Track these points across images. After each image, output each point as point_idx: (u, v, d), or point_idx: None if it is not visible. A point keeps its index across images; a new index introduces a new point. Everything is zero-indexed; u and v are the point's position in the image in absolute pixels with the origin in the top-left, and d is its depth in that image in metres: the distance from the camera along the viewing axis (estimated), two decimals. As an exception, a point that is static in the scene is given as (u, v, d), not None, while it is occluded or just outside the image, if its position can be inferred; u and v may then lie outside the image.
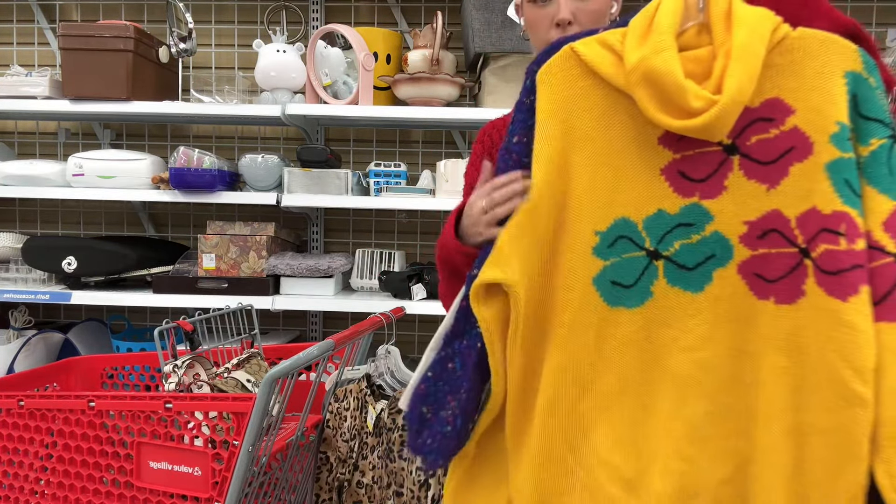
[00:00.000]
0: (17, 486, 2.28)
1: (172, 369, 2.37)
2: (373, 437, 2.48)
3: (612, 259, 1.47)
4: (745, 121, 1.42)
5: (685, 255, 1.45)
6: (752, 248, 1.41)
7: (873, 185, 1.35)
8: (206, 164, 3.16)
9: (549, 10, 1.74)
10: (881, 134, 1.36)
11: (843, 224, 1.33)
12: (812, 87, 1.39)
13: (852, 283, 1.31)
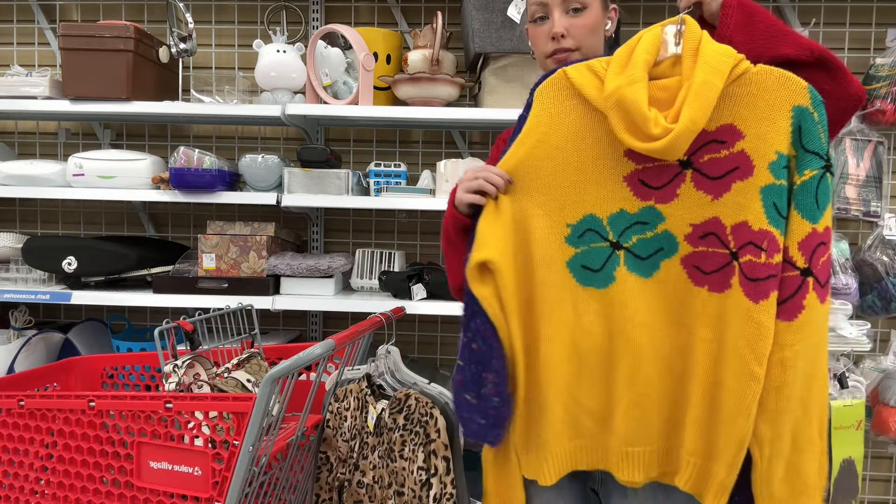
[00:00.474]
0: (18, 485, 2.28)
1: (172, 369, 2.37)
2: (373, 437, 2.48)
3: (581, 247, 1.84)
4: (702, 141, 1.73)
5: (641, 247, 1.81)
6: (693, 246, 1.77)
7: (798, 211, 1.66)
8: (206, 164, 3.16)
9: (546, 26, 1.98)
10: (815, 165, 1.65)
11: (765, 241, 1.67)
12: (762, 117, 1.69)
13: (764, 290, 1.67)
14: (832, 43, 3.55)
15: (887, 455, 3.65)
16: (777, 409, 1.70)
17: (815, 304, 1.67)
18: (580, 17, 1.96)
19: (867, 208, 3.30)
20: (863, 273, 3.25)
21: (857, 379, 3.16)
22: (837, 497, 3.10)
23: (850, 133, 3.30)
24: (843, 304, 2.97)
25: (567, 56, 1.97)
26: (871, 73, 3.31)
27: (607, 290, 1.83)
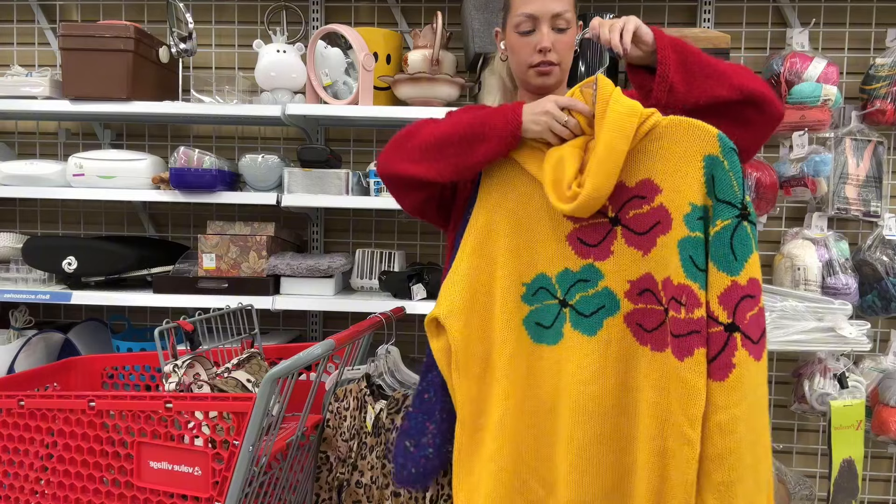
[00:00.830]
0: (18, 485, 2.28)
1: (172, 369, 2.37)
2: (371, 437, 2.48)
3: (535, 305, 1.89)
4: (626, 197, 1.77)
5: (584, 304, 1.84)
6: (634, 303, 1.78)
7: (714, 263, 1.65)
8: (206, 164, 3.16)
9: (533, 39, 2.03)
10: (728, 215, 1.64)
11: (684, 296, 1.67)
12: (675, 170, 1.70)
13: (688, 346, 1.66)
14: (832, 43, 3.55)
15: (887, 455, 3.65)
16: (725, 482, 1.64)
17: (746, 361, 1.64)
18: (564, 35, 2.04)
19: (867, 208, 3.30)
20: (863, 273, 3.25)
21: (857, 379, 3.16)
22: (837, 497, 3.10)
23: (850, 133, 3.30)
24: (843, 304, 2.96)
25: (551, 70, 2.04)
26: (871, 73, 3.31)
27: (557, 346, 1.87)
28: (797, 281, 3.17)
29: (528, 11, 2.01)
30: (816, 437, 3.69)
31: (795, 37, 3.31)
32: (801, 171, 3.21)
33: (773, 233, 3.59)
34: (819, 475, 3.68)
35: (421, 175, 1.96)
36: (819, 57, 3.20)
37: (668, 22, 3.57)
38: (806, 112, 3.18)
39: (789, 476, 3.34)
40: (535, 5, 2.00)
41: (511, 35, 2.08)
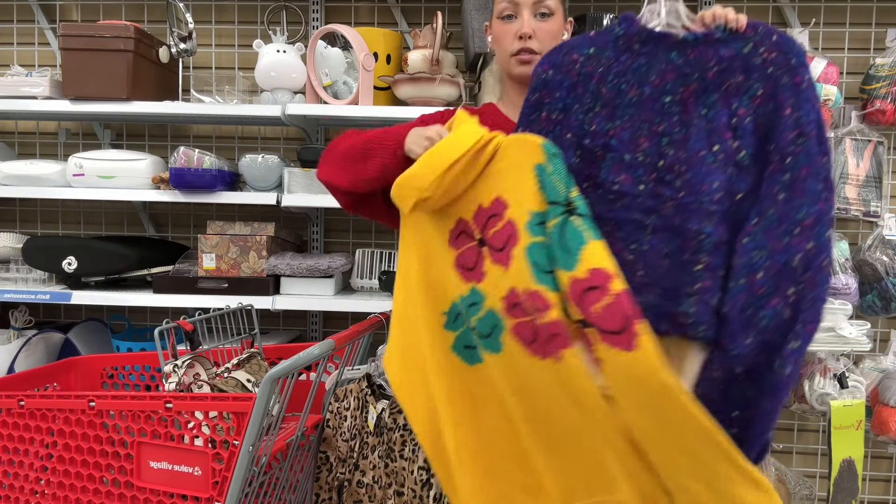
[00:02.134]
0: (18, 485, 2.28)
1: (172, 369, 2.37)
2: (373, 437, 2.48)
3: (458, 330, 1.88)
4: (485, 217, 1.82)
5: (481, 326, 1.82)
6: (513, 318, 1.74)
7: (557, 264, 1.67)
8: (206, 164, 3.16)
9: (514, 25, 2.04)
10: (555, 214, 1.69)
11: (536, 301, 1.68)
12: (515, 184, 1.76)
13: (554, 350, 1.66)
14: (832, 43, 3.56)
15: (887, 455, 3.65)
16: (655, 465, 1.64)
17: (610, 354, 1.58)
18: (546, 22, 2.05)
19: (867, 208, 3.30)
20: (863, 273, 3.25)
21: (857, 379, 3.16)
22: (837, 497, 3.10)
23: (850, 133, 3.30)
24: (843, 304, 2.97)
25: (531, 58, 2.03)
26: (871, 73, 3.31)
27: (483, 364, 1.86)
28: (797, 281, 3.17)
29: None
30: (816, 437, 3.69)
31: (795, 37, 3.29)
32: (801, 171, 3.20)
33: (773, 233, 3.58)
34: (819, 475, 3.68)
35: (334, 182, 2.04)
36: (819, 57, 3.20)
37: (668, 22, 3.56)
38: (806, 112, 3.17)
39: (789, 476, 3.34)
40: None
41: (495, 23, 2.10)
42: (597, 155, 1.78)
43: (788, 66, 1.68)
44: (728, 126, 1.70)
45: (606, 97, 1.80)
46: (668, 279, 1.69)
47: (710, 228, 1.65)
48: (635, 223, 1.73)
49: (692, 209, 1.67)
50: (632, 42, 1.80)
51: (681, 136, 1.72)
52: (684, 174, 1.70)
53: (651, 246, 1.71)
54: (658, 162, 1.73)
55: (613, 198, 1.75)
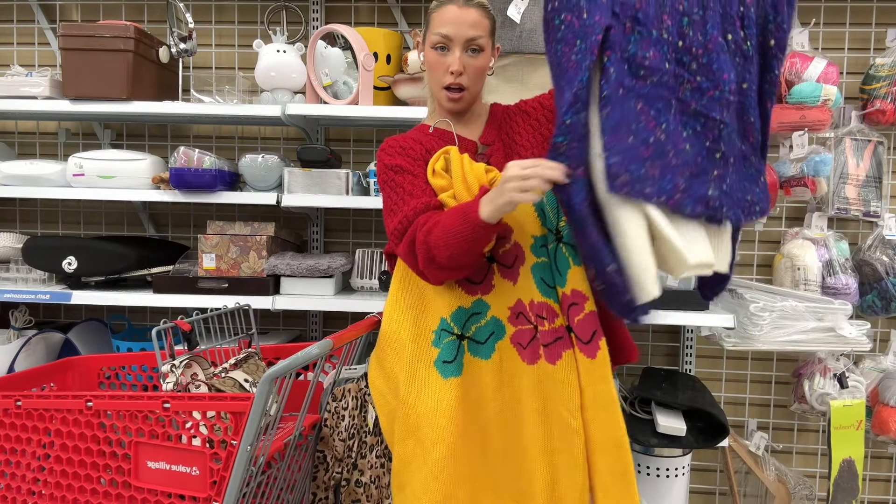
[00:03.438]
0: (15, 486, 2.28)
1: (170, 369, 2.37)
2: (372, 437, 2.49)
3: (440, 346, 2.10)
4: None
5: (478, 334, 2.11)
6: (515, 325, 2.10)
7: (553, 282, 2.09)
8: (206, 164, 3.16)
9: (447, 59, 2.13)
10: (550, 239, 2.10)
11: (544, 310, 2.06)
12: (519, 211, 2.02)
13: (557, 351, 2.04)
14: (832, 43, 3.55)
15: (887, 455, 3.65)
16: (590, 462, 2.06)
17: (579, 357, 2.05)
18: (476, 59, 2.14)
19: (867, 208, 3.30)
20: (863, 273, 3.25)
21: (857, 379, 3.17)
22: (837, 497, 3.10)
23: (851, 133, 3.30)
24: (843, 304, 2.96)
25: (460, 96, 2.15)
26: (871, 73, 3.31)
27: (462, 377, 2.09)
28: (797, 281, 3.17)
29: (444, 32, 2.10)
30: (816, 437, 3.68)
31: (795, 37, 3.31)
32: (801, 171, 3.20)
33: (773, 233, 3.59)
34: (819, 475, 3.68)
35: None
36: (819, 57, 3.20)
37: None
38: (806, 112, 3.17)
39: (789, 476, 3.34)
40: (452, 28, 2.10)
41: (428, 51, 2.18)
42: (626, 27, 1.74)
43: None
44: (738, 14, 1.75)
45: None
46: (694, 163, 1.75)
47: (728, 119, 1.75)
48: (664, 101, 1.74)
49: (713, 98, 1.73)
50: None
51: (699, 18, 1.74)
52: (701, 58, 1.73)
53: (674, 127, 1.74)
54: (678, 42, 1.75)
55: (644, 73, 1.74)
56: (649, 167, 1.71)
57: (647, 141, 1.71)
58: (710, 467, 3.76)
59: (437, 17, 2.13)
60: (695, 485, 3.75)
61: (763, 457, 3.33)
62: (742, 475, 3.46)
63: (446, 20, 2.10)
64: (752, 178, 1.83)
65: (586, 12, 1.72)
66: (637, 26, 1.73)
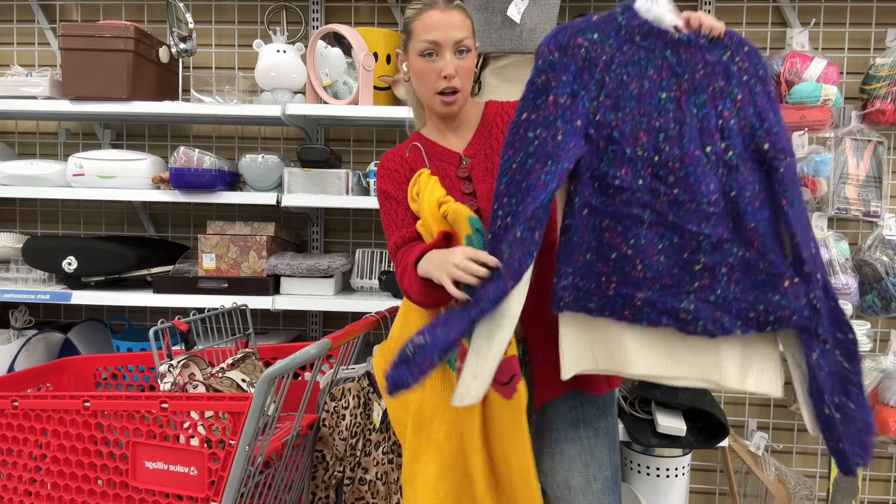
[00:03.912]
0: (11, 486, 2.28)
1: (167, 369, 2.37)
2: (377, 434, 2.49)
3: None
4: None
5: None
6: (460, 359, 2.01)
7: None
8: (206, 164, 3.16)
9: (437, 64, 2.10)
10: None
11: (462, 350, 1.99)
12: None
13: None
14: (832, 43, 3.55)
15: (887, 455, 3.64)
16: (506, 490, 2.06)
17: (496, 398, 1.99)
18: (465, 59, 2.12)
19: (867, 208, 3.29)
20: (863, 273, 3.24)
21: (857, 379, 3.16)
22: (837, 497, 3.10)
23: (850, 133, 3.29)
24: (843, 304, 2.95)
25: (454, 98, 2.13)
26: (871, 73, 3.30)
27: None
28: (797, 281, 3.16)
29: (432, 38, 2.08)
30: (816, 437, 3.68)
31: (795, 37, 3.31)
32: (801, 171, 3.20)
33: (773, 233, 3.58)
34: (819, 475, 3.67)
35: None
36: (819, 57, 3.19)
37: (668, 22, 3.56)
38: (806, 112, 3.17)
39: (789, 476, 3.34)
40: (439, 33, 2.08)
41: (415, 60, 2.14)
42: (599, 146, 1.81)
43: (759, 77, 1.81)
44: (716, 128, 1.78)
45: (610, 87, 1.83)
46: (668, 275, 1.77)
47: (708, 230, 1.74)
48: (633, 217, 1.78)
49: (690, 210, 1.75)
50: (633, 34, 1.85)
51: (675, 133, 1.78)
52: (678, 171, 1.76)
53: (647, 240, 1.78)
54: (654, 157, 1.78)
55: (613, 192, 1.80)
56: (604, 283, 1.82)
57: (608, 257, 1.81)
58: (710, 467, 3.76)
59: (419, 24, 2.11)
60: (695, 485, 3.74)
61: (763, 457, 3.33)
62: (742, 475, 3.46)
63: (431, 26, 2.09)
64: (765, 284, 1.77)
65: (561, 134, 1.80)
66: (611, 145, 1.80)
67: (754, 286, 1.77)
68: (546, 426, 2.20)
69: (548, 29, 3.00)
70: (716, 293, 1.77)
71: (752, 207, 1.75)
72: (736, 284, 1.77)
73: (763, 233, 1.75)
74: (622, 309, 1.82)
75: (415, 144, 2.26)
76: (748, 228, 1.75)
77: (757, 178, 1.77)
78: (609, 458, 2.17)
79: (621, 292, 1.81)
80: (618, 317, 1.83)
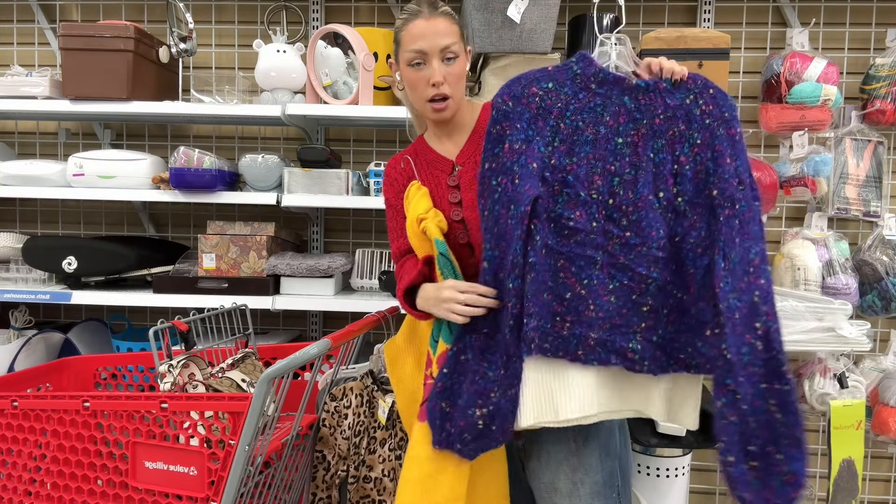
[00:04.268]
0: (11, 486, 2.28)
1: (167, 369, 2.37)
2: (382, 431, 2.50)
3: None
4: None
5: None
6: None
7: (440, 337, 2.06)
8: (206, 164, 3.16)
9: (425, 72, 2.12)
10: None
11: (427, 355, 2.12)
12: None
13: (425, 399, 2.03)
14: (832, 43, 3.54)
15: (887, 455, 3.64)
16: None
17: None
18: (453, 66, 2.14)
19: (867, 208, 3.29)
20: (863, 273, 3.24)
21: (857, 379, 3.16)
22: (837, 497, 3.10)
23: (850, 133, 3.29)
24: (843, 304, 2.95)
25: (445, 105, 2.15)
26: (871, 73, 3.30)
27: None
28: (797, 281, 3.16)
29: (418, 47, 2.11)
30: (816, 437, 3.68)
31: (795, 37, 3.31)
32: (801, 171, 3.20)
33: (773, 233, 3.58)
34: (819, 475, 3.67)
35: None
36: (819, 57, 3.19)
37: (668, 22, 3.56)
38: (806, 112, 3.17)
39: (789, 476, 3.33)
40: (424, 42, 2.10)
41: (405, 69, 2.17)
42: (554, 189, 1.90)
43: (723, 119, 1.87)
44: (671, 172, 1.88)
45: (565, 133, 1.93)
46: (617, 315, 1.88)
47: (656, 273, 1.85)
48: (587, 259, 1.89)
49: (640, 253, 1.86)
50: (589, 81, 1.95)
51: (630, 178, 1.88)
52: (631, 215, 1.87)
53: (599, 281, 1.89)
54: (608, 200, 1.89)
55: (568, 233, 1.89)
56: (558, 323, 1.90)
57: (562, 297, 1.89)
58: (710, 467, 3.76)
59: (405, 35, 2.14)
60: (695, 485, 3.74)
61: (763, 457, 3.32)
62: (742, 475, 3.45)
63: (416, 35, 2.11)
64: (693, 329, 1.85)
65: (518, 178, 1.89)
66: (566, 188, 1.89)
67: (685, 329, 1.86)
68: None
69: (548, 29, 3.01)
70: (658, 333, 1.88)
71: (694, 254, 1.83)
72: (672, 325, 1.88)
73: (699, 280, 1.82)
74: (576, 349, 1.89)
75: (406, 158, 2.33)
76: (687, 274, 1.84)
77: (704, 225, 1.84)
78: (600, 463, 2.13)
79: (575, 332, 1.89)
80: (571, 358, 1.90)
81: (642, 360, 1.88)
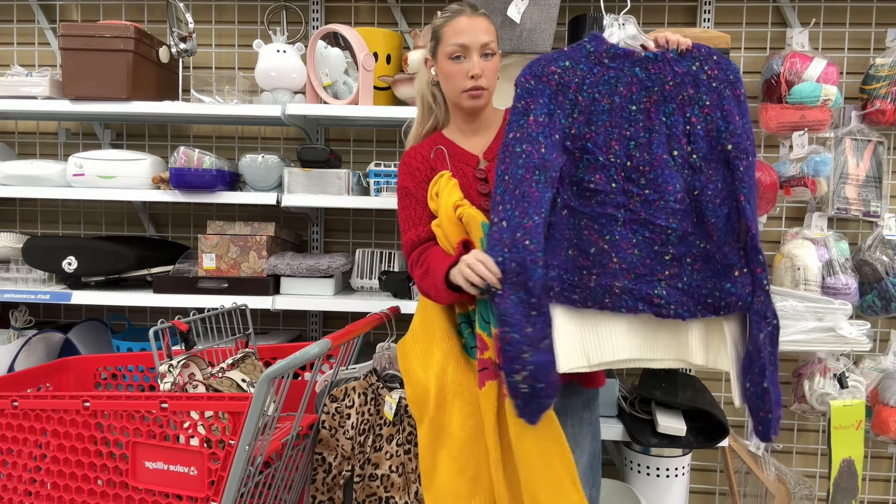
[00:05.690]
0: (11, 486, 2.28)
1: (167, 369, 2.37)
2: (389, 427, 2.50)
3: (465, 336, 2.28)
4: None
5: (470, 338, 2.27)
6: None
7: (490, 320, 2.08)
8: (206, 164, 3.16)
9: (465, 65, 2.27)
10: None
11: (480, 341, 2.10)
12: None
13: (482, 379, 2.08)
14: (832, 43, 3.55)
15: (887, 455, 3.64)
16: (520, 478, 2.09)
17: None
18: (490, 61, 2.29)
19: (867, 208, 3.29)
20: (863, 273, 3.24)
21: (857, 379, 3.16)
22: (837, 497, 3.10)
23: (850, 133, 3.29)
24: (843, 304, 2.96)
25: (481, 93, 2.28)
26: (871, 73, 3.30)
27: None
28: (797, 281, 3.16)
29: (461, 42, 2.25)
30: (816, 437, 3.68)
31: (795, 37, 3.31)
32: (801, 171, 3.20)
33: (773, 233, 3.58)
34: (819, 475, 3.67)
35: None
36: (819, 57, 3.19)
37: (668, 22, 3.56)
38: (806, 112, 3.17)
39: (789, 476, 3.34)
40: (467, 36, 2.25)
41: (444, 63, 2.31)
42: (575, 156, 2.07)
43: (729, 81, 2.06)
44: (684, 133, 2.04)
45: (583, 105, 2.08)
46: (641, 266, 2.03)
47: (675, 224, 2.01)
48: (609, 216, 2.05)
49: (658, 207, 2.02)
50: (602, 57, 2.10)
51: (645, 140, 2.04)
52: (648, 174, 2.03)
53: (622, 236, 2.04)
54: (626, 163, 2.05)
55: (589, 195, 2.06)
56: (585, 276, 2.06)
57: (587, 252, 2.05)
58: (710, 467, 3.76)
59: (448, 29, 2.28)
60: (695, 485, 3.74)
61: (763, 457, 3.33)
62: (742, 475, 3.46)
63: (460, 30, 2.25)
64: (720, 273, 2.01)
65: (544, 147, 2.03)
66: (586, 154, 2.06)
67: (712, 275, 2.02)
68: None
69: (548, 29, 3.01)
70: (683, 280, 2.03)
71: (713, 205, 2.00)
72: (698, 273, 2.03)
73: (721, 228, 1.99)
74: (603, 297, 2.05)
75: (439, 148, 2.38)
76: (709, 224, 2.00)
77: (720, 178, 2.01)
78: (590, 446, 2.40)
79: (601, 283, 2.04)
80: (599, 306, 2.06)
81: (668, 305, 2.02)
